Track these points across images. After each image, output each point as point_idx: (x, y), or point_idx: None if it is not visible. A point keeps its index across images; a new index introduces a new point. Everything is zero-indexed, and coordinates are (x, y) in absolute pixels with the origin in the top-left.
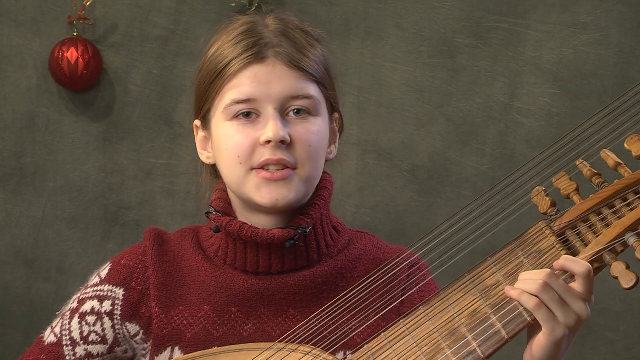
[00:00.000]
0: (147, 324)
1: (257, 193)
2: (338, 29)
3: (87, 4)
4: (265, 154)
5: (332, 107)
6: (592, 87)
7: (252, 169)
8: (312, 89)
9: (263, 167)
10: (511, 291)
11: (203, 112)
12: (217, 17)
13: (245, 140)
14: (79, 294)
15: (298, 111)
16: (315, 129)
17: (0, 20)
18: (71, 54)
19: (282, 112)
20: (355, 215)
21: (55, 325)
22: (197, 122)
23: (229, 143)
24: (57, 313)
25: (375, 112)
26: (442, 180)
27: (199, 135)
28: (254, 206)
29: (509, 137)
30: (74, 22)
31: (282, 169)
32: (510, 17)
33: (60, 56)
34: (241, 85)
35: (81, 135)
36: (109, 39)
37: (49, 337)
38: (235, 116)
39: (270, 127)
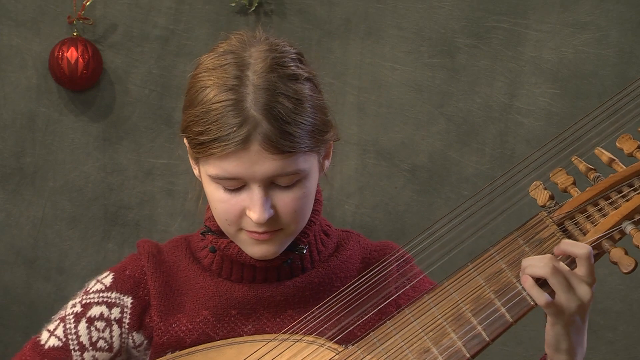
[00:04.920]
0: (151, 334)
1: (248, 248)
2: (338, 29)
3: (87, 4)
4: (251, 226)
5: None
6: (592, 87)
7: (241, 229)
8: (300, 162)
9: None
10: (526, 283)
11: (192, 154)
12: (217, 17)
13: (231, 209)
14: (79, 299)
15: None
16: (302, 193)
17: (0, 20)
18: (71, 54)
19: (268, 184)
20: (355, 215)
21: (56, 329)
22: (185, 140)
23: (216, 206)
24: (52, 317)
25: (375, 112)
26: (442, 180)
27: (189, 150)
28: None
29: (509, 137)
30: (74, 22)
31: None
32: (510, 17)
33: (60, 56)
34: (226, 167)
35: (81, 135)
36: (109, 39)
37: (49, 341)
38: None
39: (254, 210)
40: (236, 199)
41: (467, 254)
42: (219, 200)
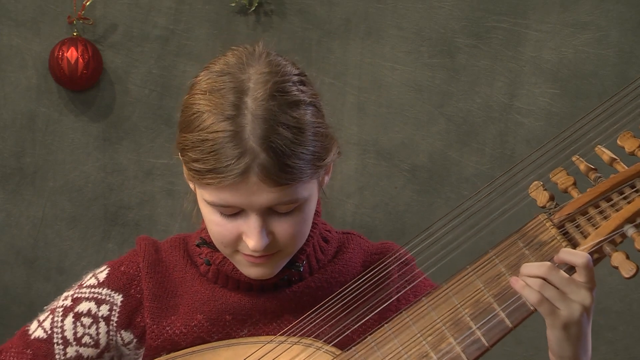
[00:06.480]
0: (141, 333)
1: (244, 269)
2: (338, 29)
3: (87, 4)
4: (248, 250)
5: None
6: (592, 87)
7: (237, 251)
8: (300, 191)
9: None
10: (516, 284)
11: (188, 175)
12: (217, 17)
13: (228, 234)
14: (72, 292)
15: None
16: (301, 217)
17: (0, 20)
18: (71, 54)
19: (266, 211)
20: (355, 215)
21: (44, 320)
22: (181, 157)
23: (212, 228)
24: (45, 308)
25: (375, 112)
26: (442, 180)
27: (185, 169)
28: None
29: (509, 137)
30: (74, 22)
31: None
32: (510, 17)
33: (60, 56)
34: (222, 196)
35: (81, 135)
36: (109, 39)
37: (36, 331)
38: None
39: (251, 237)
40: (233, 224)
41: (466, 254)
42: (215, 223)
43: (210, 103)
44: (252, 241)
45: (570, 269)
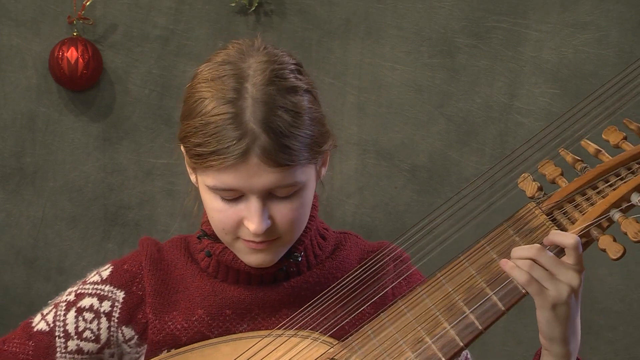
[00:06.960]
0: (142, 329)
1: (244, 256)
2: (338, 29)
3: (87, 4)
4: (248, 235)
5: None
6: (592, 87)
7: (238, 237)
8: (298, 174)
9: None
10: (506, 265)
11: (189, 163)
12: (217, 17)
13: (229, 219)
14: (76, 288)
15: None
16: (299, 203)
17: (0, 20)
18: (71, 54)
19: (266, 195)
20: (355, 215)
21: (48, 314)
22: (182, 148)
23: (213, 215)
24: (49, 302)
25: (375, 112)
26: (442, 180)
27: (186, 158)
28: None
29: (509, 137)
30: (74, 22)
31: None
32: (510, 17)
33: (60, 56)
34: (224, 179)
35: (81, 135)
36: (109, 39)
37: (39, 324)
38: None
39: (252, 220)
40: (233, 209)
41: (459, 246)
42: (216, 210)
43: (212, 89)
44: (253, 224)
45: (560, 252)
